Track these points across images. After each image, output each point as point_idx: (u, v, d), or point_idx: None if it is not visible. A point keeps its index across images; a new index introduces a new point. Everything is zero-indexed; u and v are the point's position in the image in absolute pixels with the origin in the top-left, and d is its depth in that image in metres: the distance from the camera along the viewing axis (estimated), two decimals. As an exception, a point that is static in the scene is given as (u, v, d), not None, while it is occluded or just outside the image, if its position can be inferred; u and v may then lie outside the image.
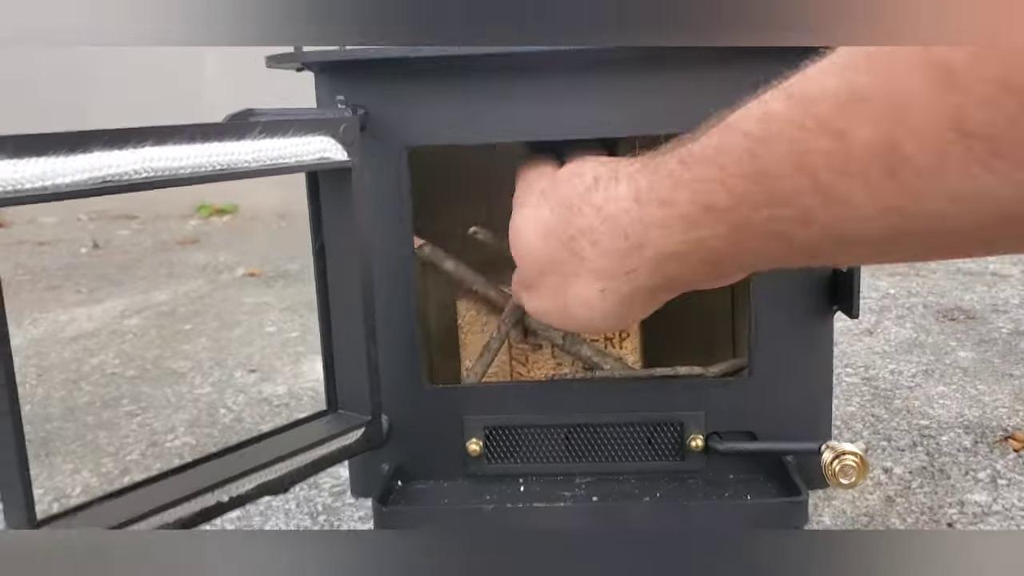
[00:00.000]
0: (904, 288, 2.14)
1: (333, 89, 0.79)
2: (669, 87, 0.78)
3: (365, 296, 0.74)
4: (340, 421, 0.76)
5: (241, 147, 0.65)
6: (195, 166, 0.62)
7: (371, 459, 0.85)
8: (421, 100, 0.79)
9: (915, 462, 1.19)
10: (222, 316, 2.12)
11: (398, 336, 0.84)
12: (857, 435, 1.29)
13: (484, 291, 0.90)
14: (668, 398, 0.85)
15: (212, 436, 1.36)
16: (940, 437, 1.27)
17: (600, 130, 0.79)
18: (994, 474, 1.14)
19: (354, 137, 0.72)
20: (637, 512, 0.81)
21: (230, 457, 0.72)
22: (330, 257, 0.75)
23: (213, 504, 0.67)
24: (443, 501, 0.83)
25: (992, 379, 1.49)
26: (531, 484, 0.86)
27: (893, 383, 1.50)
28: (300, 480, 0.72)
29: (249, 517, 1.10)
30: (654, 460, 0.86)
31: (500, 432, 0.86)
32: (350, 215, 0.72)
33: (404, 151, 0.81)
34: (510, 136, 0.80)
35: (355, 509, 1.11)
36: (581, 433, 0.86)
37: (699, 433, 0.84)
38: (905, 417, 1.35)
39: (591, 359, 0.90)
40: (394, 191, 0.81)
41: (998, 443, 1.24)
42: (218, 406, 1.49)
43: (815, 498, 1.08)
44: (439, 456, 0.86)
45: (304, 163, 0.69)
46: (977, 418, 1.33)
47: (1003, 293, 2.04)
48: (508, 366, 0.93)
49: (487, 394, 0.86)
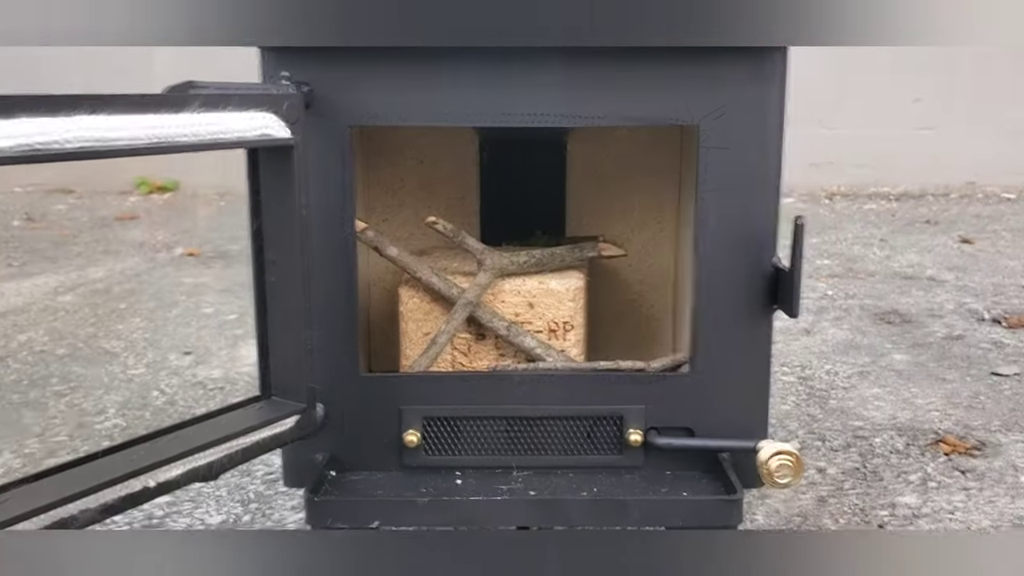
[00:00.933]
0: (842, 290, 2.17)
1: (278, 65, 0.77)
2: (614, 81, 0.78)
3: (303, 279, 0.72)
4: (273, 408, 0.74)
5: (180, 120, 0.63)
6: (131, 138, 0.60)
7: (305, 448, 0.83)
8: (369, 80, 0.78)
9: (848, 463, 1.20)
10: (159, 296, 2.07)
11: (336, 322, 0.82)
12: (792, 434, 1.31)
13: (428, 279, 0.89)
14: (609, 392, 0.85)
15: (144, 419, 1.33)
16: (873, 439, 1.29)
17: (545, 120, 0.78)
18: (925, 477, 1.17)
19: (298, 115, 0.70)
20: (574, 507, 0.81)
21: (160, 441, 0.69)
22: (268, 238, 0.73)
23: (140, 489, 0.65)
24: (377, 493, 0.82)
25: (925, 382, 1.52)
26: (468, 477, 0.85)
27: (829, 383, 1.52)
28: (230, 467, 0.70)
29: (179, 503, 1.08)
30: (593, 454, 0.85)
31: (439, 423, 0.85)
32: (291, 195, 0.70)
33: (349, 131, 0.79)
34: (457, 120, 0.79)
35: (288, 498, 1.09)
36: (521, 426, 0.85)
37: (638, 428, 0.84)
38: (840, 417, 1.37)
39: (534, 351, 0.89)
40: (337, 171, 0.79)
41: (929, 446, 1.27)
42: (151, 388, 1.46)
43: (750, 496, 1.09)
44: (375, 447, 0.85)
45: (245, 139, 0.67)
46: (910, 421, 1.36)
47: (938, 298, 2.08)
48: (450, 356, 0.92)
49: (427, 384, 0.85)
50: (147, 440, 0.69)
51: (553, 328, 0.90)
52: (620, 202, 1.06)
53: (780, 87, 0.80)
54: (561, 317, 0.90)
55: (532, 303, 0.90)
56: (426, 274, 0.89)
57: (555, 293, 0.90)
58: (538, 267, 0.91)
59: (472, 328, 0.91)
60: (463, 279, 0.90)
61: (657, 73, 0.78)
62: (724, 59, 0.78)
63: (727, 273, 0.82)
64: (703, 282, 0.83)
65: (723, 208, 0.81)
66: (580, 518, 0.82)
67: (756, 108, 0.79)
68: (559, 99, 0.79)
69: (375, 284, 1.06)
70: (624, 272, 1.08)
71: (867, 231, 2.97)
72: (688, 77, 0.78)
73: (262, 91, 0.71)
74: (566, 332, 0.90)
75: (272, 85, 0.75)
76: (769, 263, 0.82)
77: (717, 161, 0.80)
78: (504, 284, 0.90)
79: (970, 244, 2.73)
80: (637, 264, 1.08)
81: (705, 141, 0.79)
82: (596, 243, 0.95)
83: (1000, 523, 1.04)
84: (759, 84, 0.79)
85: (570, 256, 0.93)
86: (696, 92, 0.78)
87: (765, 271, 0.83)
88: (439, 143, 1.04)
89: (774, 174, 0.81)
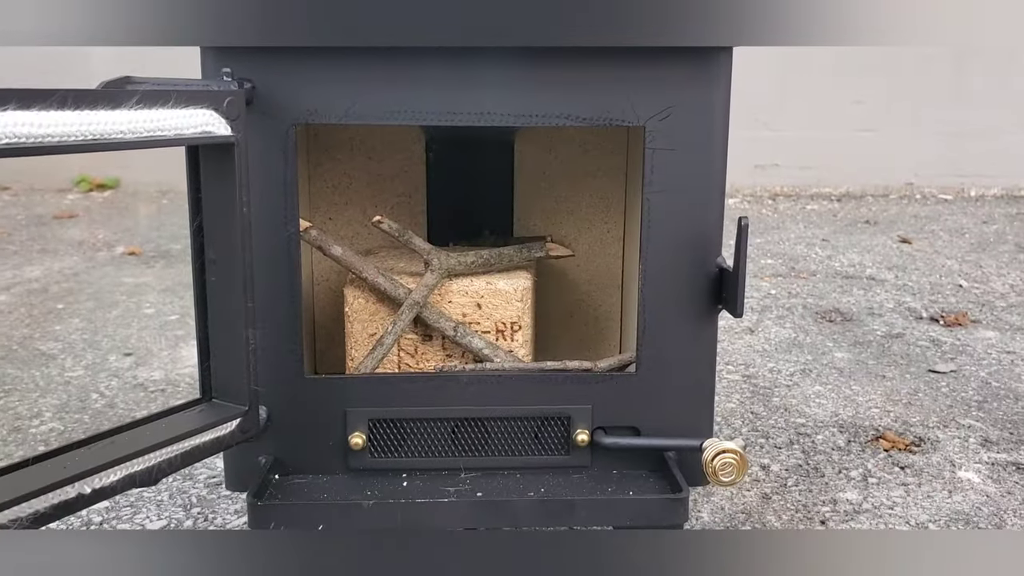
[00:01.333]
0: (785, 289, 2.20)
1: (219, 61, 0.75)
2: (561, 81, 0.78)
3: (245, 279, 0.71)
4: (214, 411, 0.73)
5: (116, 117, 0.61)
6: (64, 135, 0.58)
7: (248, 451, 0.82)
8: (313, 77, 0.76)
9: (791, 460, 1.22)
10: (98, 296, 2.03)
11: (280, 322, 0.81)
12: (736, 431, 1.32)
13: (374, 279, 0.88)
14: (556, 392, 0.85)
15: (82, 422, 1.30)
16: (816, 436, 1.31)
17: (491, 120, 0.78)
18: (866, 473, 1.19)
19: (239, 111, 0.68)
20: (521, 508, 0.81)
21: (97, 445, 0.67)
22: (209, 237, 0.71)
23: (74, 497, 0.63)
24: (322, 496, 0.81)
25: (866, 380, 1.55)
26: (415, 479, 0.84)
27: (772, 381, 1.54)
28: (170, 472, 0.69)
29: (118, 509, 1.05)
30: (540, 455, 0.85)
31: (385, 425, 0.84)
32: (232, 193, 0.69)
33: (292, 129, 0.78)
34: (403, 119, 0.78)
35: (231, 502, 1.07)
36: (469, 427, 0.85)
37: (585, 427, 0.84)
38: (783, 415, 1.39)
39: (482, 352, 0.89)
40: (280, 169, 0.78)
41: (870, 443, 1.29)
42: (90, 391, 1.42)
43: (695, 494, 1.10)
44: (319, 449, 0.84)
45: (184, 137, 0.65)
46: (851, 418, 1.38)
47: (878, 297, 2.13)
48: (396, 357, 0.91)
49: (372, 386, 0.84)
50: (84, 445, 0.67)
51: (501, 328, 0.90)
52: (568, 203, 1.07)
53: (725, 88, 0.80)
54: (509, 317, 0.90)
55: (480, 303, 0.89)
56: (372, 274, 0.88)
57: (503, 293, 0.89)
58: (486, 267, 0.91)
59: (419, 329, 0.90)
60: (410, 279, 0.89)
61: (603, 74, 0.78)
62: (669, 60, 0.78)
63: (673, 273, 0.83)
64: (649, 282, 0.83)
65: (669, 209, 0.81)
66: (527, 519, 0.82)
67: (701, 109, 0.80)
68: (506, 99, 0.78)
69: (320, 284, 1.04)
70: (572, 272, 1.08)
71: (809, 231, 3.02)
72: (634, 78, 0.78)
73: (202, 87, 0.69)
74: (514, 332, 0.90)
75: (213, 81, 0.73)
76: (714, 263, 0.83)
77: (663, 162, 0.80)
78: (451, 284, 0.89)
79: (909, 244, 2.79)
80: (585, 264, 1.08)
81: (651, 142, 0.80)
82: (544, 243, 0.95)
83: (938, 517, 1.06)
84: (704, 85, 0.79)
85: (518, 256, 0.93)
86: (642, 93, 0.79)
87: (710, 271, 0.83)
88: (387, 140, 1.03)
89: (719, 175, 0.82)
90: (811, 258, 2.58)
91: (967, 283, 2.26)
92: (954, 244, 2.79)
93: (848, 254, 2.64)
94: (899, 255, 2.63)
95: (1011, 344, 1.75)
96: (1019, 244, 2.79)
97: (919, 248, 2.73)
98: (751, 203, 3.60)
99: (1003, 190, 3.84)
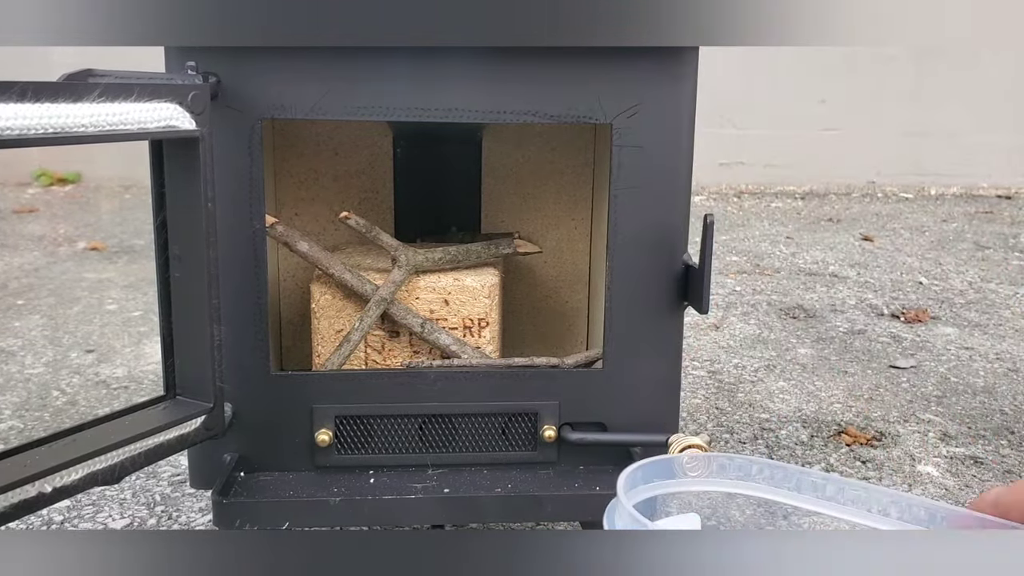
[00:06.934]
0: (750, 286, 2.23)
1: (184, 55, 0.74)
2: (529, 79, 0.78)
3: (209, 275, 0.70)
4: (178, 408, 0.72)
5: (78, 110, 0.60)
6: (23, 128, 0.57)
7: (212, 448, 0.81)
8: (280, 72, 0.76)
9: (755, 455, 1.23)
10: (59, 292, 1.99)
11: (245, 318, 0.80)
12: (702, 427, 1.33)
13: (341, 275, 0.88)
14: (524, 388, 0.85)
15: (43, 420, 1.28)
16: (779, 431, 1.32)
17: (459, 116, 0.78)
18: (828, 467, 1.20)
19: (204, 106, 0.68)
20: (488, 504, 0.81)
21: (58, 444, 0.66)
22: (173, 232, 0.71)
23: (34, 495, 0.62)
24: (288, 494, 0.80)
25: (829, 376, 1.57)
26: (382, 476, 0.84)
27: (737, 377, 1.56)
28: (133, 471, 0.68)
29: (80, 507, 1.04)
30: (507, 451, 0.86)
31: (352, 422, 0.83)
32: (196, 188, 0.68)
33: (259, 124, 0.77)
34: (371, 115, 0.78)
35: (195, 500, 1.06)
36: (436, 423, 0.85)
37: (552, 423, 0.84)
38: (747, 411, 1.40)
39: (449, 348, 0.88)
40: (246, 165, 0.77)
41: (832, 437, 1.31)
42: (51, 388, 1.40)
43: (662, 489, 1.11)
44: (285, 447, 0.83)
45: (148, 131, 0.64)
46: (814, 413, 1.40)
47: (840, 294, 2.15)
48: (363, 354, 0.91)
49: (339, 382, 0.84)
50: (45, 443, 0.66)
51: (468, 325, 0.90)
52: (535, 200, 1.07)
53: (692, 87, 0.81)
54: (476, 314, 0.90)
55: (447, 300, 0.89)
56: (339, 270, 0.88)
57: (470, 290, 0.89)
58: (453, 264, 0.91)
59: (386, 325, 0.90)
60: (377, 275, 0.89)
61: (571, 72, 0.78)
62: (637, 59, 0.79)
63: (639, 270, 0.83)
64: (616, 279, 0.83)
65: (635, 206, 0.82)
66: (494, 515, 0.82)
67: (668, 108, 0.80)
68: (474, 95, 0.78)
69: (286, 280, 1.04)
70: (539, 269, 1.08)
71: (774, 229, 3.05)
72: (601, 77, 0.79)
73: (166, 81, 0.69)
74: (481, 329, 0.90)
75: (177, 75, 0.72)
76: (680, 260, 0.84)
77: (629, 160, 0.81)
78: (419, 281, 0.89)
79: (871, 242, 2.83)
80: (552, 261, 1.08)
81: (618, 140, 0.80)
82: (511, 240, 0.95)
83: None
84: (671, 84, 0.80)
85: (485, 253, 0.93)
86: (609, 91, 0.79)
87: (676, 268, 0.84)
88: (354, 136, 1.03)
89: (685, 173, 0.83)
90: (775, 255, 2.61)
91: (927, 280, 2.30)
92: (915, 242, 2.84)
93: (812, 251, 2.67)
94: (861, 253, 2.66)
95: (969, 340, 1.78)
96: (977, 242, 2.84)
97: (881, 246, 2.77)
98: (717, 200, 3.62)
99: (962, 189, 3.91)
